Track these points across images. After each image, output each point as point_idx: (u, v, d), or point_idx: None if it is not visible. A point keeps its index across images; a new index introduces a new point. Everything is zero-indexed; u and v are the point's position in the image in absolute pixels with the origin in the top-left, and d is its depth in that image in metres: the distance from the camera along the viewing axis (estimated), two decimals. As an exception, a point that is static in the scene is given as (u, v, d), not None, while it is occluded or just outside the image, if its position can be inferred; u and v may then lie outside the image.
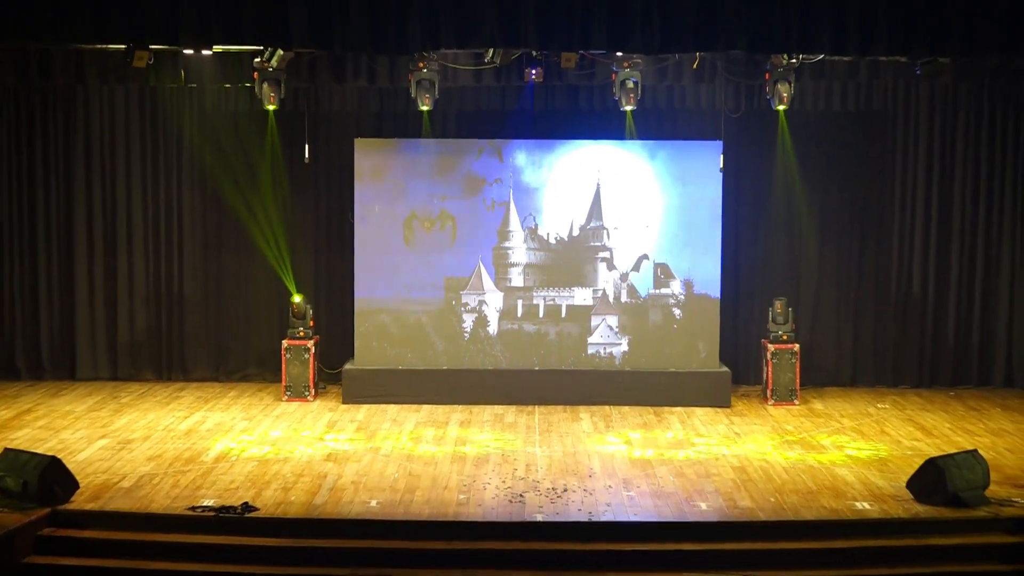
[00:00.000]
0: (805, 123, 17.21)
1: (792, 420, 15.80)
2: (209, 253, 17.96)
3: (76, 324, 17.93)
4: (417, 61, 15.13)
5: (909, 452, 13.90)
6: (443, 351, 16.93)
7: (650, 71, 15.76)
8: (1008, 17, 13.07)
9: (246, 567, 11.22)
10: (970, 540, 11.65)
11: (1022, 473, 13.21)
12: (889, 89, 17.60)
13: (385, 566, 11.17)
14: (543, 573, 11.15)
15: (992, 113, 17.66)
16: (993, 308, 17.84)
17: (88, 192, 17.83)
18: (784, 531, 11.67)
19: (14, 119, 17.72)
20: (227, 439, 14.64)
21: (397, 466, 13.52)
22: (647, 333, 16.96)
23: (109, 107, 17.76)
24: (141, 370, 17.99)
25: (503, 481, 12.93)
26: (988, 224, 17.78)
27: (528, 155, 16.90)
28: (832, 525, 11.71)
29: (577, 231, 16.93)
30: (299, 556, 11.36)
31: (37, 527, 11.48)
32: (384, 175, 16.94)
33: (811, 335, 17.68)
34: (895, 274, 17.90)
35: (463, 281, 16.95)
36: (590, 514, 11.87)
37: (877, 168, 17.83)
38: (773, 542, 11.56)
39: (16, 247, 17.89)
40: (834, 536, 11.61)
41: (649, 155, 16.89)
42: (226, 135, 17.58)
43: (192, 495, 12.30)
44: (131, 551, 11.43)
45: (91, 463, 13.38)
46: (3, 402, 16.46)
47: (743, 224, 17.74)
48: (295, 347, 16.79)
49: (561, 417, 15.93)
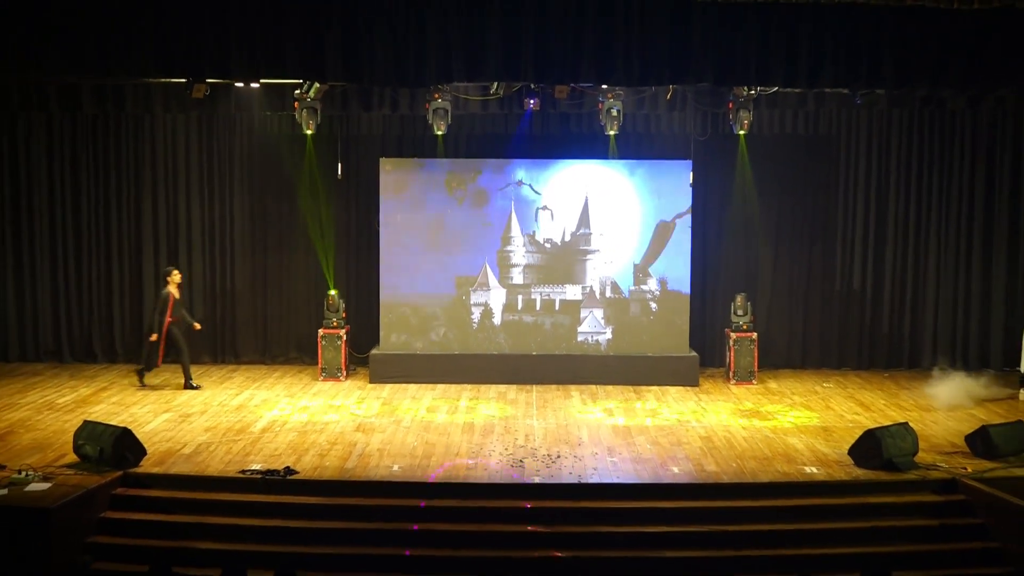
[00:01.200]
0: (762, 145, 17.19)
1: (751, 397, 15.79)
2: (256, 255, 17.92)
3: (144, 315, 17.89)
4: (433, 92, 15.13)
5: (850, 424, 13.91)
6: (455, 339, 16.92)
7: (630, 101, 15.76)
8: (933, 55, 13.09)
9: (288, 521, 11.25)
10: (903, 499, 11.68)
11: (946, 442, 13.20)
12: (833, 116, 17.56)
13: (406, 521, 11.20)
14: (540, 527, 11.17)
15: (920, 136, 17.62)
16: (922, 302, 17.81)
17: (154, 203, 17.79)
18: (744, 491, 11.68)
19: (92, 141, 17.68)
20: (272, 413, 14.64)
21: (416, 436, 13.51)
22: (628, 323, 16.93)
23: (172, 131, 17.72)
24: (199, 353, 17.91)
25: (506, 449, 12.92)
26: (917, 230, 17.74)
27: (527, 172, 16.87)
28: (785, 486, 11.74)
29: (569, 237, 16.90)
30: (333, 512, 11.39)
31: (112, 487, 11.51)
32: (405, 189, 16.91)
33: (767, 325, 17.66)
34: (838, 272, 17.87)
35: (472, 279, 16.92)
36: (579, 477, 11.87)
37: (823, 183, 17.79)
38: (735, 500, 11.57)
39: (93, 251, 17.86)
40: (787, 495, 11.64)
41: (629, 172, 16.86)
42: (270, 155, 17.57)
43: (242, 460, 12.31)
44: (190, 508, 11.46)
45: (157, 433, 13.39)
46: (83, 381, 16.46)
47: (709, 231, 17.70)
48: (329, 335, 16.77)
49: (555, 394, 15.91)
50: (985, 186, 17.61)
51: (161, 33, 12.81)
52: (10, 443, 12.85)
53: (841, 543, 11.04)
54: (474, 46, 12.92)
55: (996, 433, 12.58)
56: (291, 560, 10.06)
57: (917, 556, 10.91)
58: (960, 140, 17.62)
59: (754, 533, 11.14)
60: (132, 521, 11.30)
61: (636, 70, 13.05)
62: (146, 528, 11.19)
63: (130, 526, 11.24)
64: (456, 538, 11.02)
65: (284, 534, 11.05)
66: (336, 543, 10.97)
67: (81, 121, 17.54)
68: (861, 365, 17.79)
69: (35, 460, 12.06)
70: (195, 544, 10.89)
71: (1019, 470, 12.02)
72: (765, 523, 11.28)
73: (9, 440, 12.98)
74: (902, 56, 13.09)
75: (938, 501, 11.63)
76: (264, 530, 11.11)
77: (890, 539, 11.14)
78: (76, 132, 17.64)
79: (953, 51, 13.04)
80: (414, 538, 11.04)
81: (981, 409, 14.93)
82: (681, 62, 13.08)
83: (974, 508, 11.43)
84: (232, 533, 11.07)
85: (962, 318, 17.84)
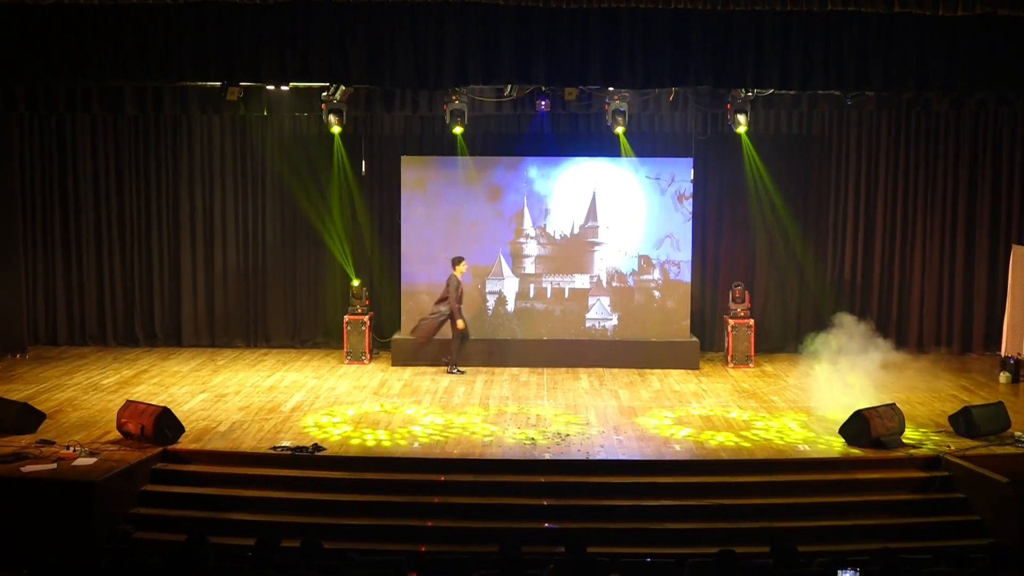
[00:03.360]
0: (759, 143, 17.11)
1: (748, 380, 15.76)
2: (286, 246, 17.93)
3: (182, 302, 17.96)
4: (450, 94, 15.13)
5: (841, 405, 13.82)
6: (471, 324, 16.91)
7: (635, 102, 15.74)
8: (918, 60, 13.04)
9: (316, 494, 11.30)
10: (889, 475, 11.68)
11: (931, 422, 13.18)
12: (825, 116, 17.51)
13: (425, 495, 11.22)
14: (550, 500, 11.19)
15: (907, 136, 17.55)
16: (909, 290, 17.75)
17: (191, 197, 17.82)
18: (742, 467, 11.69)
19: (134, 142, 17.70)
20: (301, 393, 14.67)
21: (435, 415, 13.52)
22: (633, 310, 16.91)
23: (207, 131, 17.74)
24: (233, 339, 18.00)
25: (518, 427, 12.93)
26: (904, 223, 17.68)
27: (539, 169, 16.83)
28: (779, 463, 11.74)
29: (577, 229, 16.87)
30: (358, 486, 11.43)
31: (152, 462, 11.58)
32: (425, 185, 16.90)
33: (763, 312, 17.61)
34: (830, 263, 17.82)
35: (487, 269, 16.90)
36: (587, 454, 11.88)
37: (815, 179, 17.74)
38: (733, 476, 11.58)
39: (135, 242, 17.88)
40: (780, 471, 11.64)
41: (634, 169, 16.81)
42: (299, 153, 17.57)
43: (273, 438, 12.34)
44: (225, 482, 11.53)
45: (194, 412, 13.43)
46: (125, 364, 16.52)
47: (709, 224, 17.68)
48: (354, 321, 16.78)
49: (564, 377, 15.91)
50: (968, 182, 17.53)
51: (198, 40, 12.83)
52: (59, 420, 12.92)
53: (831, 516, 11.05)
54: (489, 51, 12.89)
55: (977, 413, 12.56)
56: (318, 530, 10.08)
57: (903, 528, 10.91)
58: (944, 140, 17.54)
59: (750, 506, 11.15)
60: (171, 494, 11.36)
61: (640, 73, 13.02)
62: (184, 500, 11.25)
63: (169, 498, 11.31)
64: (473, 510, 11.05)
65: (312, 506, 11.11)
66: (360, 515, 11.01)
67: (123, 122, 17.55)
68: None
69: (81, 436, 12.12)
70: (229, 515, 10.95)
71: (999, 448, 12.02)
72: (762, 497, 11.29)
73: (58, 418, 13.04)
74: (888, 60, 13.03)
75: (923, 477, 11.62)
76: (293, 502, 11.16)
77: (878, 513, 11.15)
78: (119, 132, 17.66)
79: (937, 56, 12.98)
80: (433, 510, 11.07)
81: (964, 390, 14.88)
82: (682, 66, 13.03)
83: (957, 483, 11.42)
84: (264, 505, 11.13)
85: (946, 305, 17.77)
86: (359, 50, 12.88)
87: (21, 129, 17.51)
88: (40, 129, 17.63)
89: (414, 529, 10.79)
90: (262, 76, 13.40)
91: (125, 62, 12.94)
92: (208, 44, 12.89)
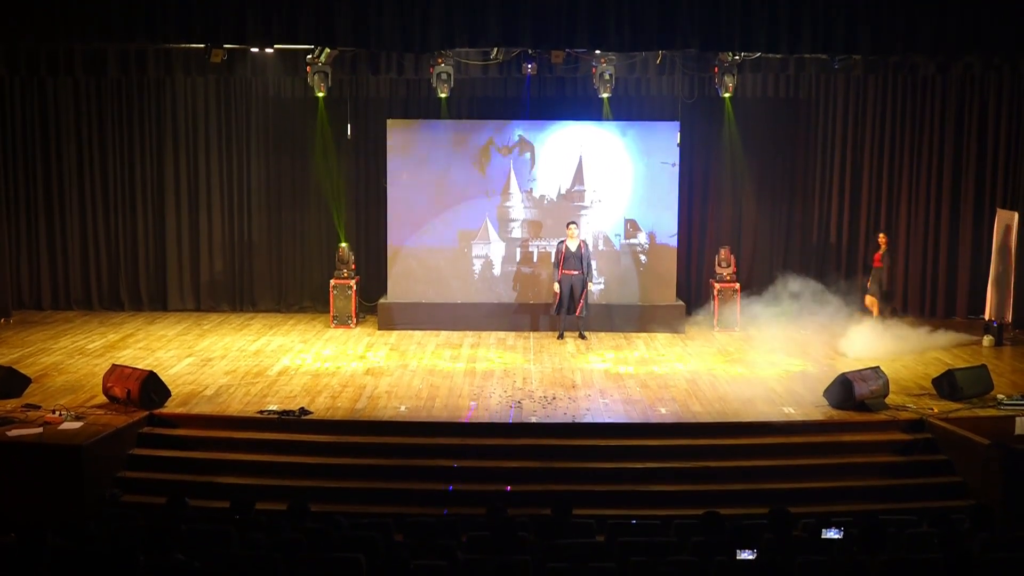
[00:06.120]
0: (746, 107, 17.10)
1: (733, 343, 15.81)
2: (272, 210, 17.86)
3: (167, 266, 17.90)
4: (437, 57, 15.04)
5: (825, 368, 13.90)
6: (457, 288, 16.91)
7: (622, 65, 15.66)
8: (906, 24, 13.05)
9: (302, 458, 11.34)
10: (874, 437, 11.77)
11: (914, 385, 13.26)
12: (813, 80, 17.48)
13: (412, 458, 11.26)
14: (537, 463, 11.25)
15: (894, 100, 17.53)
16: (894, 254, 17.72)
17: (176, 161, 17.71)
18: (727, 430, 11.75)
19: (118, 105, 17.56)
20: (287, 358, 14.68)
21: (421, 379, 13.56)
22: (619, 274, 16.92)
23: (192, 94, 17.60)
24: (219, 303, 17.97)
25: (505, 391, 12.98)
26: (890, 188, 17.70)
27: (525, 133, 16.78)
28: (764, 426, 11.79)
29: (564, 193, 16.87)
30: (345, 449, 11.48)
31: (139, 426, 11.59)
32: (410, 149, 16.84)
33: (749, 276, 17.62)
34: (815, 227, 17.85)
35: (473, 233, 16.88)
36: (574, 417, 11.93)
37: (802, 143, 17.73)
38: (718, 439, 11.65)
39: (119, 206, 17.79)
40: (766, 434, 11.70)
41: (621, 133, 16.78)
42: (284, 117, 17.48)
43: (260, 402, 12.37)
44: (212, 445, 11.56)
45: (180, 376, 13.44)
46: (111, 328, 16.48)
47: (695, 187, 17.68)
48: (340, 285, 16.76)
49: (551, 340, 15.93)
50: (953, 147, 17.54)
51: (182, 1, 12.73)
52: (44, 385, 12.91)
53: (816, 478, 11.13)
54: (475, 13, 12.86)
55: (961, 376, 12.65)
56: (305, 494, 10.12)
57: (887, 490, 11.03)
58: (931, 104, 17.52)
59: (735, 469, 11.23)
60: (158, 457, 11.39)
61: (627, 36, 13.00)
62: (171, 464, 11.28)
63: (156, 462, 11.33)
64: (458, 473, 11.10)
65: (299, 469, 11.15)
66: (347, 478, 11.06)
67: (106, 85, 17.41)
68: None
69: (67, 401, 12.13)
70: (216, 479, 10.97)
71: (981, 410, 12.12)
72: (746, 459, 11.37)
73: (43, 382, 13.03)
74: (877, 24, 13.06)
75: (907, 439, 11.72)
76: (280, 465, 11.20)
77: (861, 474, 11.24)
78: (102, 95, 17.51)
79: (923, 20, 13.01)
80: (419, 473, 11.12)
81: (947, 354, 14.97)
82: (669, 29, 13.03)
83: (940, 445, 11.52)
84: (251, 468, 11.18)
85: (931, 269, 17.83)
86: (344, 11, 12.83)
87: (2, 92, 17.37)
88: (22, 93, 17.47)
89: (399, 492, 10.83)
90: (247, 38, 13.31)
91: (108, 23, 12.84)
92: (192, 5, 12.81)
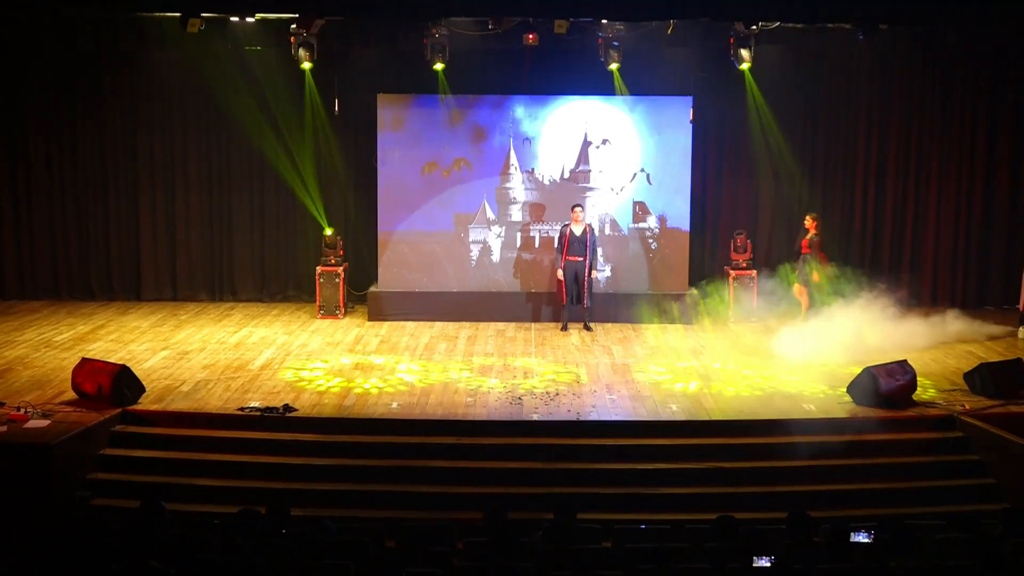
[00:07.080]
0: (763, 81, 16.99)
1: (750, 335, 15.76)
2: (254, 192, 17.83)
3: (141, 253, 17.87)
4: (431, 28, 14.98)
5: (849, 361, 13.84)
6: (453, 276, 16.89)
7: (631, 36, 15.60)
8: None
9: (287, 458, 11.30)
10: (900, 436, 11.72)
11: (944, 380, 13.23)
12: (835, 52, 17.38)
13: (404, 459, 11.24)
14: (538, 464, 11.22)
15: (923, 72, 17.47)
16: (923, 239, 17.76)
17: (150, 139, 17.66)
18: (742, 429, 11.71)
19: (89, 80, 17.51)
20: (270, 351, 14.65)
21: (414, 374, 13.52)
22: (627, 261, 16.90)
23: (167, 68, 17.52)
24: (197, 292, 17.95)
25: (504, 386, 12.95)
26: (918, 171, 17.64)
27: (526, 108, 16.75)
28: (782, 423, 11.71)
29: (567, 174, 16.82)
30: (332, 450, 11.44)
31: (111, 424, 11.56)
32: (403, 125, 16.80)
33: (766, 263, 17.60)
34: (838, 212, 17.79)
35: (470, 216, 16.86)
36: (578, 414, 11.90)
37: (823, 122, 17.68)
38: (733, 438, 11.61)
39: (89, 188, 17.75)
40: (784, 433, 11.62)
41: (629, 109, 16.74)
42: (267, 91, 17.34)
43: (241, 398, 12.35)
44: (189, 445, 11.51)
45: (155, 370, 13.41)
46: (80, 319, 16.46)
47: (710, 168, 17.63)
48: (327, 273, 16.74)
49: (553, 332, 15.91)
50: (988, 122, 17.49)
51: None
52: (9, 380, 12.89)
53: (838, 480, 11.10)
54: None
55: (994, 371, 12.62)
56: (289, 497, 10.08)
57: (914, 492, 10.96)
58: (963, 77, 17.45)
59: (751, 470, 11.19)
60: (131, 458, 11.36)
61: (636, 3, 12.94)
62: (145, 465, 11.24)
63: (129, 463, 11.30)
64: (455, 474, 11.08)
65: (283, 471, 11.11)
66: (335, 480, 11.04)
67: (77, 60, 17.29)
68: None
69: (34, 397, 12.10)
70: (194, 480, 10.94)
71: (1016, 407, 12.06)
72: (763, 460, 11.32)
73: (8, 377, 13.01)
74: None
75: (936, 438, 11.68)
76: (262, 466, 11.16)
77: (887, 476, 11.19)
78: (71, 69, 17.41)
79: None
80: (413, 474, 11.09)
81: (980, 347, 14.95)
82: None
83: (971, 445, 11.49)
84: (231, 470, 11.13)
85: (962, 254, 17.79)
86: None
87: (-36, 68, 17.36)
88: (-15, 68, 17.46)
89: (390, 495, 10.81)
90: (227, 6, 13.25)
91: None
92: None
